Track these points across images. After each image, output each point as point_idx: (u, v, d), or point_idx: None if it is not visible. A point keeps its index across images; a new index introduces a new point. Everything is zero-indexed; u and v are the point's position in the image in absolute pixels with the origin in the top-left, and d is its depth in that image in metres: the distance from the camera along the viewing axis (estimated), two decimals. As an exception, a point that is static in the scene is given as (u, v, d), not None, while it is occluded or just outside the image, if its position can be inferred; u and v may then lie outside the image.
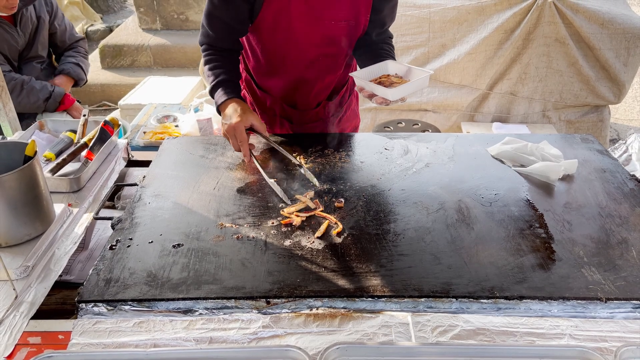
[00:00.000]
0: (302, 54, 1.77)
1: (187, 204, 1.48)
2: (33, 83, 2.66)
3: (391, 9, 1.80)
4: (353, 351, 1.00)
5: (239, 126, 1.56)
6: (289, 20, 1.66)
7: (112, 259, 1.26)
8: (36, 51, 2.75)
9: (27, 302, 1.19)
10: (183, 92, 3.80)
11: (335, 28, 1.71)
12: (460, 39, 3.44)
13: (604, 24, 3.23)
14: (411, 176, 1.62)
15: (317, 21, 1.68)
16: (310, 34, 1.71)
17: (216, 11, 1.64)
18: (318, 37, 1.73)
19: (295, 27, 1.68)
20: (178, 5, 5.85)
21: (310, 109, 1.95)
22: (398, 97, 1.57)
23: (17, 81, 2.62)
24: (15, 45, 2.64)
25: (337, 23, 1.70)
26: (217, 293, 1.15)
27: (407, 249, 1.29)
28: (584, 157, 1.71)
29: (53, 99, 2.72)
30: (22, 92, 2.62)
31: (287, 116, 1.97)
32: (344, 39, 1.77)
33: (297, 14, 1.65)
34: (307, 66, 1.81)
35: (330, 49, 1.78)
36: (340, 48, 1.80)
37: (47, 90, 2.70)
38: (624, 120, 4.99)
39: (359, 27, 1.75)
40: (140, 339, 1.06)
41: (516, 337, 1.06)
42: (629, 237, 1.32)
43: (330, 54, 1.80)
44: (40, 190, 1.38)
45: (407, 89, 1.58)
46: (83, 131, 1.93)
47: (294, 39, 1.72)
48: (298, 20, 1.66)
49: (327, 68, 1.85)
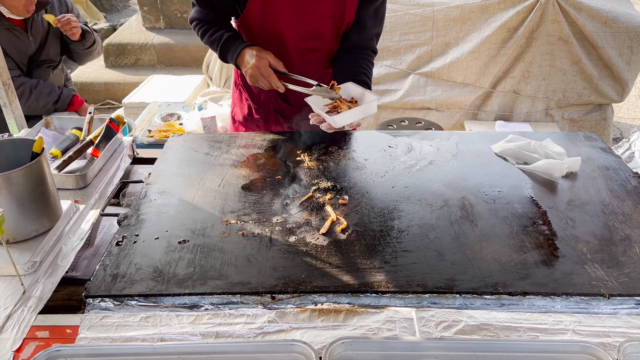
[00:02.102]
0: (289, 49, 1.79)
1: (193, 200, 1.49)
2: (41, 86, 2.67)
3: (375, 10, 1.79)
4: (358, 346, 1.00)
5: (261, 64, 1.61)
6: (275, 14, 1.69)
7: (119, 255, 1.27)
8: (47, 55, 2.76)
9: (35, 297, 1.20)
10: (187, 91, 3.82)
11: (320, 23, 1.74)
12: (464, 38, 3.44)
13: (607, 22, 3.22)
14: (415, 173, 1.62)
15: (302, 16, 1.70)
16: (296, 28, 1.73)
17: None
18: (304, 32, 1.75)
19: (280, 21, 1.71)
20: (181, 4, 5.86)
21: (303, 105, 1.96)
22: (341, 124, 1.57)
23: (26, 85, 2.63)
24: (25, 50, 2.66)
25: (323, 19, 1.72)
26: (223, 288, 1.16)
27: (411, 245, 1.29)
28: (587, 155, 1.72)
29: (62, 100, 2.74)
30: (31, 96, 2.64)
31: (281, 111, 1.99)
32: (329, 33, 1.79)
33: (283, 9, 1.68)
34: (294, 60, 1.82)
35: (316, 43, 1.81)
36: (327, 43, 1.83)
37: (56, 93, 2.71)
38: (627, 119, 4.98)
39: (344, 22, 1.77)
40: (147, 334, 1.07)
41: (520, 333, 1.07)
42: (632, 234, 1.33)
43: (316, 48, 1.83)
44: (48, 187, 1.39)
45: (352, 116, 1.57)
46: (89, 129, 1.94)
47: (280, 33, 1.75)
48: (283, 15, 1.69)
49: (314, 62, 1.87)
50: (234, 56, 1.71)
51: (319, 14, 1.71)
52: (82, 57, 2.92)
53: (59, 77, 2.89)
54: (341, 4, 1.70)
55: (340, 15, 1.73)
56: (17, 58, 2.64)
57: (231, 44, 1.73)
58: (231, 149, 1.78)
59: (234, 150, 1.78)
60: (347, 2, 1.71)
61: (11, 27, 2.56)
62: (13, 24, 2.56)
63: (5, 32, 2.54)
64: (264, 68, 1.61)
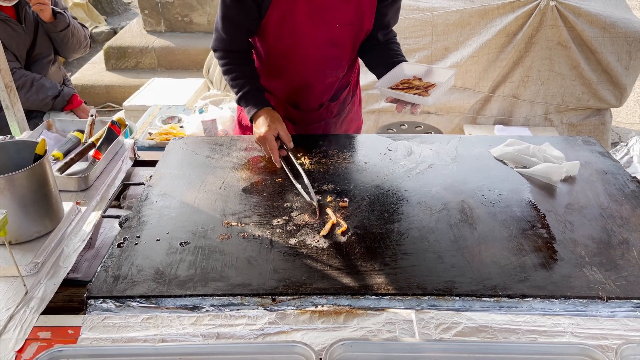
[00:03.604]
0: (307, 56, 1.79)
1: (194, 203, 1.50)
2: (43, 81, 2.69)
3: (395, 12, 1.83)
4: (358, 347, 1.01)
5: (269, 135, 1.66)
6: (294, 22, 1.68)
7: (120, 256, 1.28)
8: (41, 47, 2.77)
9: (37, 298, 1.21)
10: (187, 94, 3.83)
11: (339, 31, 1.74)
12: (463, 42, 3.46)
13: (605, 27, 3.24)
14: (415, 177, 1.64)
15: (321, 24, 1.70)
16: (315, 36, 1.73)
17: (229, 11, 1.69)
18: (322, 40, 1.75)
19: (300, 29, 1.70)
20: (182, 8, 5.89)
21: (313, 110, 1.98)
22: (435, 101, 1.64)
23: (28, 77, 2.65)
24: (23, 42, 2.67)
25: (342, 27, 1.73)
26: (224, 290, 1.17)
27: (410, 248, 1.30)
28: (585, 159, 1.73)
29: (62, 97, 2.75)
30: (31, 89, 2.65)
31: (290, 117, 2.00)
32: (348, 41, 1.79)
33: (302, 17, 1.67)
34: (311, 68, 1.83)
35: (334, 51, 1.81)
36: (345, 50, 1.83)
37: (57, 89, 2.73)
38: (626, 124, 5.00)
39: (363, 30, 1.77)
40: (149, 334, 1.08)
41: (518, 335, 1.08)
42: (629, 238, 1.34)
43: (334, 56, 1.83)
44: (50, 189, 1.40)
45: (440, 92, 1.64)
46: (90, 131, 1.95)
47: (299, 42, 1.74)
48: (303, 23, 1.69)
49: (331, 70, 1.87)
50: (250, 114, 1.75)
51: (338, 22, 1.71)
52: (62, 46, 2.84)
53: (57, 74, 2.90)
54: (360, 11, 1.71)
55: (359, 23, 1.73)
56: (16, 51, 2.65)
57: (249, 99, 1.76)
58: (232, 152, 1.80)
59: (235, 153, 1.79)
60: (366, 10, 1.71)
61: (6, 19, 2.58)
62: (7, 15, 2.58)
63: (1, 24, 2.55)
64: (271, 141, 1.66)
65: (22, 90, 2.60)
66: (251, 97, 1.76)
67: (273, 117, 1.70)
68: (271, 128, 1.66)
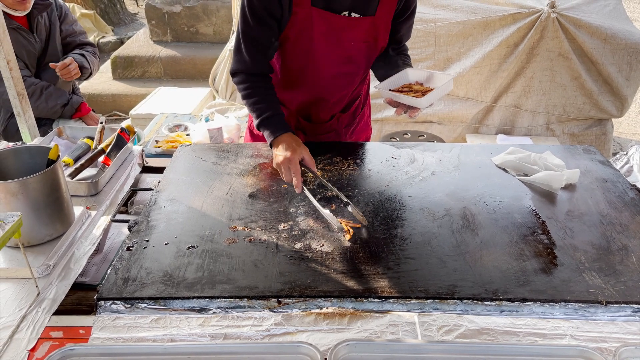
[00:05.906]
0: (321, 72, 1.81)
1: (201, 208, 1.53)
2: (52, 90, 2.75)
3: (408, 28, 1.87)
4: (362, 348, 1.04)
5: (294, 159, 1.59)
6: (310, 40, 1.70)
7: (130, 259, 1.31)
8: (51, 56, 2.84)
9: (48, 299, 1.24)
10: (193, 103, 3.88)
11: (354, 48, 1.76)
12: (466, 53, 3.50)
13: (606, 39, 3.29)
14: (418, 184, 1.67)
15: (337, 42, 1.72)
16: (330, 53, 1.75)
17: (252, 32, 1.67)
18: (337, 57, 1.77)
19: (315, 46, 1.72)
20: (188, 19, 5.98)
21: (324, 122, 2.00)
22: (428, 104, 1.63)
23: (37, 86, 2.70)
24: (33, 51, 2.74)
25: (357, 44, 1.75)
26: (231, 292, 1.20)
27: (413, 252, 1.33)
28: (585, 167, 1.76)
29: (70, 105, 2.81)
30: (41, 97, 2.71)
31: (301, 128, 2.02)
32: (362, 58, 1.82)
33: (319, 35, 1.69)
34: (325, 83, 1.85)
35: (348, 67, 1.83)
36: (359, 67, 1.85)
37: (66, 97, 2.79)
38: (628, 134, 5.03)
39: (377, 47, 1.80)
40: (158, 334, 1.11)
41: (519, 337, 1.10)
42: (629, 244, 1.36)
43: (348, 72, 1.85)
44: (62, 193, 1.44)
45: (435, 95, 1.65)
46: (100, 138, 1.99)
47: (314, 58, 1.76)
48: (319, 41, 1.71)
49: (344, 85, 1.90)
50: (271, 137, 1.70)
51: (353, 40, 1.73)
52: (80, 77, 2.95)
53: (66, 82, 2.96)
54: (375, 29, 1.73)
55: (374, 40, 1.75)
56: (26, 59, 2.71)
57: (271, 124, 1.70)
58: (238, 159, 1.83)
59: (241, 159, 1.83)
60: (380, 28, 1.74)
61: (18, 28, 2.64)
62: (19, 24, 2.64)
63: (14, 33, 2.61)
64: (294, 165, 1.59)
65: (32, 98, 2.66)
66: (273, 122, 1.71)
67: (298, 142, 1.66)
68: (297, 152, 1.60)
